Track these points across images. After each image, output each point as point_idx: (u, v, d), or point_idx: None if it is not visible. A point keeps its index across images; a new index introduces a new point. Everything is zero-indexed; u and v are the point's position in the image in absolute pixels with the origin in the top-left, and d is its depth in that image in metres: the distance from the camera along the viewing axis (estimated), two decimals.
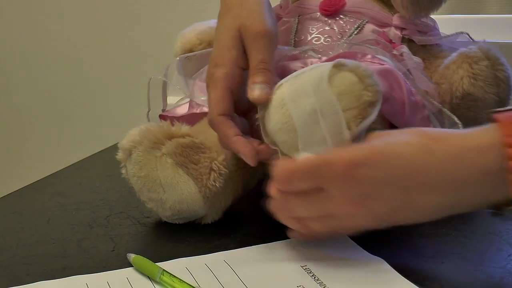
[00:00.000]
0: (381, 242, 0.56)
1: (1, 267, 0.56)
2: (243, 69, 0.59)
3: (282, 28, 0.75)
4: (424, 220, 0.50)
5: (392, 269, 0.51)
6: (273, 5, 0.79)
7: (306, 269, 0.52)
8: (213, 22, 0.81)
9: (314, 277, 0.50)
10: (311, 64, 0.64)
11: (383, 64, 0.63)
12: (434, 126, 0.65)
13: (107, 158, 0.88)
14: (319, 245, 0.55)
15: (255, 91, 0.55)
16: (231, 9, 0.61)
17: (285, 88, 0.53)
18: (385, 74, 0.62)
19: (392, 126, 0.65)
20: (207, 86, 0.59)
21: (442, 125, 0.66)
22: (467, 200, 0.48)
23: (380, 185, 0.47)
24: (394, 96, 0.63)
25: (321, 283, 0.49)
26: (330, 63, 0.52)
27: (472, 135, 0.47)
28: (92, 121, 1.78)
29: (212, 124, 0.58)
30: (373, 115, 0.52)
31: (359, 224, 0.50)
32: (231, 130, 0.57)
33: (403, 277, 0.50)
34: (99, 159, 0.88)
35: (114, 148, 0.92)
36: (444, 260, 0.54)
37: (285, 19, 0.76)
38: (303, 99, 0.52)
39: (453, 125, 0.65)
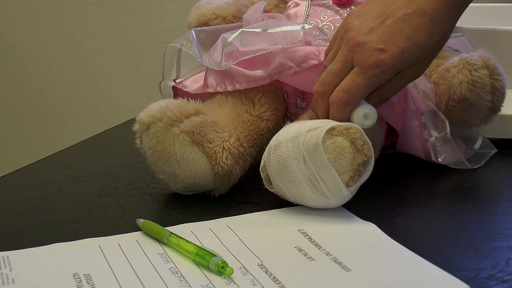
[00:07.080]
0: (373, 211, 0.60)
1: (17, 231, 0.59)
2: None
3: (293, 10, 0.78)
4: None
5: (383, 232, 0.55)
6: None
7: (302, 232, 0.55)
8: None
9: (310, 239, 0.54)
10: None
11: None
12: (428, 129, 0.69)
13: (112, 137, 0.92)
14: (315, 213, 0.59)
15: None
16: None
17: (283, 149, 0.58)
18: None
19: (390, 126, 0.69)
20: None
21: (436, 125, 0.70)
22: None
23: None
24: (395, 102, 0.67)
25: (316, 244, 0.53)
26: (324, 128, 0.57)
27: None
28: (96, 103, 1.83)
29: None
30: (368, 171, 0.58)
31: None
32: None
33: (392, 239, 0.53)
34: (104, 138, 0.92)
35: (118, 128, 0.96)
36: (430, 226, 0.58)
37: (297, 0, 0.79)
38: (300, 164, 0.57)
39: (444, 126, 0.70)
